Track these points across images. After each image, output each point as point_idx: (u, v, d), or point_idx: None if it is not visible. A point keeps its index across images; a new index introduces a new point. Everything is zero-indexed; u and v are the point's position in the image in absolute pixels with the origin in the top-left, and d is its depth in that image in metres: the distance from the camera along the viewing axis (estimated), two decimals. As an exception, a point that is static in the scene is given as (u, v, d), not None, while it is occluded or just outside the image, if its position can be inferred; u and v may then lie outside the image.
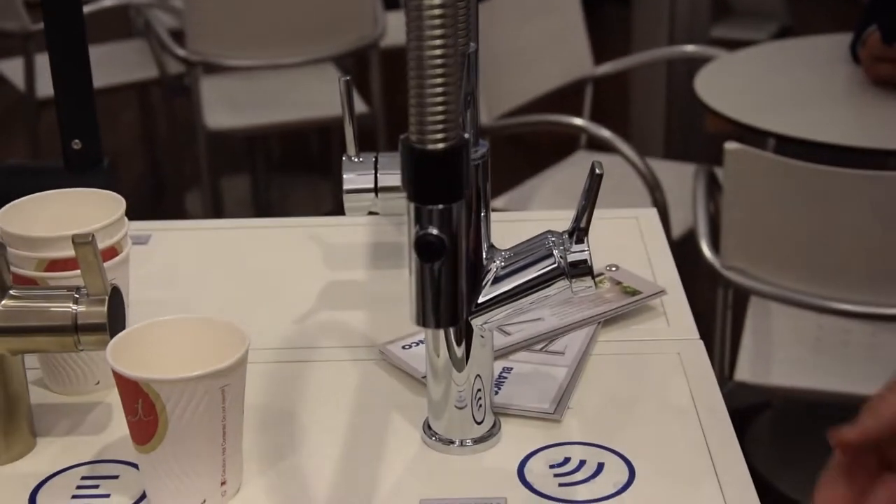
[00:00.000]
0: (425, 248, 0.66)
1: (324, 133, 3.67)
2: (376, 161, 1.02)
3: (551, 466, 0.84)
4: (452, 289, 0.68)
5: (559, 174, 2.58)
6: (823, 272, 1.70)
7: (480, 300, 0.81)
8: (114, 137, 3.82)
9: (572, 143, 2.78)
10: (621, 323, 1.01)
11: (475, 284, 0.81)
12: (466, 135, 0.64)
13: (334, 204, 3.35)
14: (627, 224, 1.20)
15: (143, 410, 0.76)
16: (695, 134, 3.22)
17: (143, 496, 0.82)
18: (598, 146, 2.36)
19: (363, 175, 1.01)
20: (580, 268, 0.80)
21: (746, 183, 1.73)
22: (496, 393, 0.90)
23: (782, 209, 1.72)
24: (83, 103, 1.11)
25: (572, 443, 0.86)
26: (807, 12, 4.70)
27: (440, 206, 0.65)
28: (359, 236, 1.20)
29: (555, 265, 0.81)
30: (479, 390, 0.85)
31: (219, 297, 1.10)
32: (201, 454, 0.78)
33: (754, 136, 2.04)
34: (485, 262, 0.82)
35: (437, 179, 0.64)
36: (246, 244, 1.20)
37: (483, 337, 0.84)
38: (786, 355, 1.85)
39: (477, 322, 0.83)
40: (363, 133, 1.02)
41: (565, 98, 2.70)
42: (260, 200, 3.44)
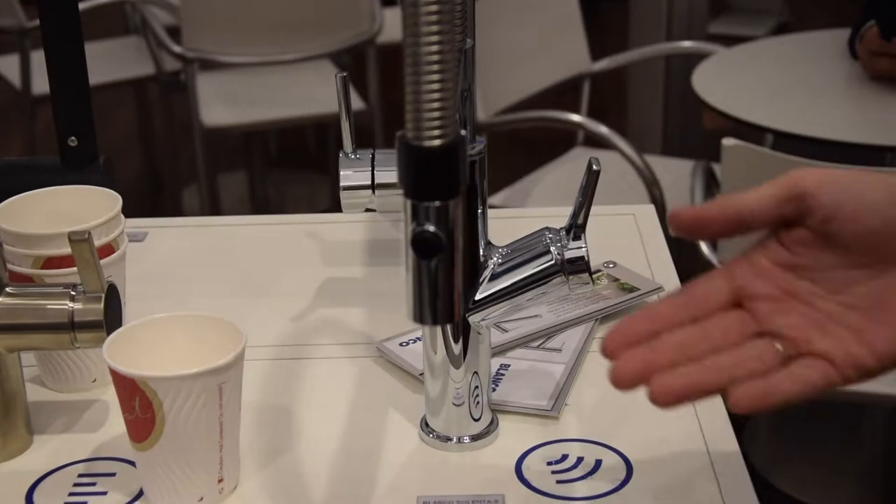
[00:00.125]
0: (422, 245, 0.66)
1: (321, 129, 3.67)
2: (373, 158, 1.02)
3: (549, 463, 0.84)
4: (449, 286, 0.68)
5: (556, 171, 2.58)
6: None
7: (478, 297, 0.81)
8: (110, 134, 3.82)
9: (570, 140, 2.78)
10: (618, 319, 1.01)
11: (472, 281, 0.81)
12: (463, 131, 0.64)
13: (331, 200, 3.35)
14: (625, 221, 1.20)
15: (140, 408, 0.76)
16: (692, 130, 3.22)
17: (140, 494, 0.82)
18: (596, 143, 2.36)
19: (360, 172, 1.01)
20: (577, 264, 0.80)
21: (744, 179, 1.73)
22: (494, 390, 0.91)
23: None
24: (79, 100, 1.11)
25: (570, 440, 0.86)
26: (804, 8, 4.70)
27: (437, 203, 0.65)
28: (356, 233, 1.20)
29: (552, 262, 0.81)
30: (477, 387, 0.85)
31: (215, 295, 1.10)
32: (198, 451, 0.78)
33: (752, 133, 2.04)
34: (482, 259, 0.82)
35: (434, 176, 0.64)
36: (243, 241, 1.20)
37: (480, 334, 0.84)
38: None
39: (474, 319, 0.83)
40: (360, 129, 1.02)
41: (563, 94, 2.71)
42: (257, 197, 3.44)
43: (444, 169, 0.64)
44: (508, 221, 1.18)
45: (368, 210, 1.04)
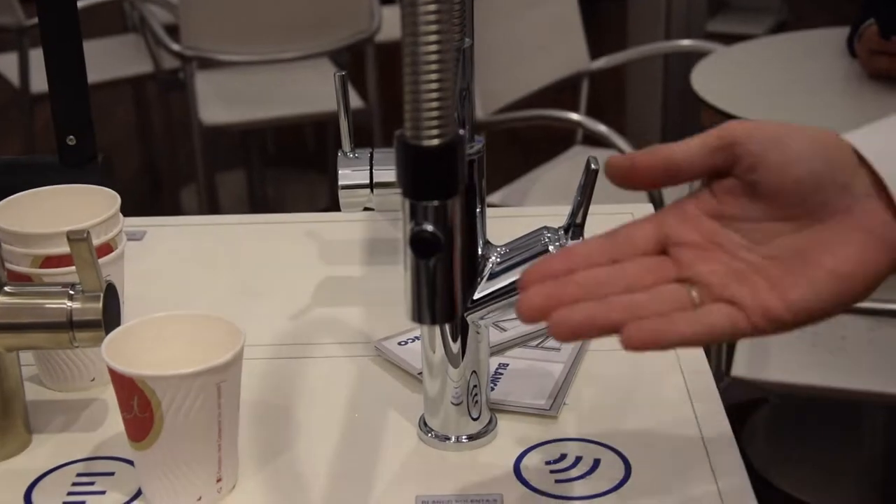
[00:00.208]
0: (420, 245, 0.66)
1: (320, 128, 3.67)
2: (372, 157, 1.02)
3: (547, 463, 0.84)
4: (448, 285, 0.68)
5: (555, 169, 2.58)
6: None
7: (476, 296, 0.81)
8: (108, 132, 3.82)
9: (568, 138, 2.78)
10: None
11: (471, 280, 0.81)
12: (462, 131, 0.64)
13: (330, 199, 3.35)
14: (623, 219, 1.18)
15: (139, 407, 0.77)
16: (691, 128, 3.21)
17: (139, 493, 0.82)
18: (595, 141, 2.36)
19: (358, 171, 1.01)
20: (576, 264, 0.80)
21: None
22: (492, 389, 0.91)
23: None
24: (78, 99, 1.11)
25: (568, 439, 0.86)
26: (803, 6, 4.70)
27: (435, 203, 0.65)
28: (354, 232, 1.20)
29: (551, 261, 0.81)
30: (475, 386, 0.85)
31: (214, 294, 1.10)
32: (197, 451, 0.78)
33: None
34: (480, 258, 0.82)
35: (433, 176, 0.64)
36: (241, 240, 1.20)
37: (479, 333, 0.84)
38: (782, 351, 1.85)
39: (473, 318, 0.83)
40: (359, 128, 1.02)
41: (561, 93, 2.71)
42: (255, 196, 3.44)
43: (443, 168, 0.64)
44: (507, 220, 1.18)
45: (367, 209, 1.04)
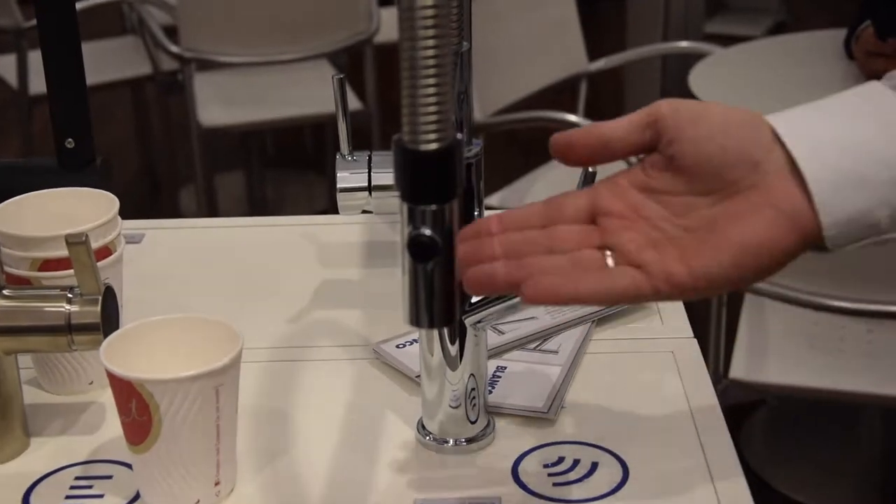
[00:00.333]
0: (418, 249, 0.66)
1: (318, 130, 3.67)
2: (370, 160, 1.02)
3: (545, 466, 0.84)
4: (446, 288, 0.68)
5: (553, 171, 2.58)
6: (819, 269, 1.70)
7: (474, 299, 0.81)
8: (107, 134, 3.82)
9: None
10: (615, 321, 1.02)
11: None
12: (459, 135, 0.64)
13: (329, 201, 3.35)
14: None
15: (137, 410, 0.77)
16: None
17: (137, 496, 0.82)
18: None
19: (357, 174, 1.01)
20: (574, 267, 0.80)
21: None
22: (490, 392, 0.91)
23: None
24: (76, 101, 1.11)
25: (566, 442, 0.86)
26: (802, 7, 4.71)
27: (433, 207, 0.65)
28: (353, 235, 1.20)
29: (548, 264, 0.81)
30: (473, 389, 0.85)
31: (212, 297, 1.10)
32: (195, 454, 0.78)
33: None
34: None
35: (430, 180, 0.64)
36: (239, 243, 1.20)
37: (477, 336, 0.84)
38: (781, 353, 1.86)
39: (470, 321, 0.83)
40: (358, 130, 1.02)
41: (560, 94, 2.71)
42: (254, 198, 3.44)
43: (441, 173, 0.64)
44: (505, 223, 1.18)
45: (365, 212, 1.04)
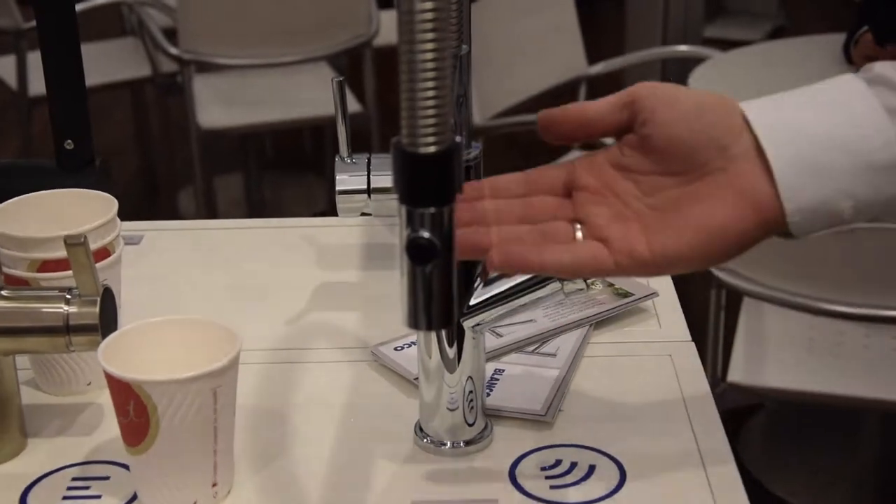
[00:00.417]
0: (416, 251, 0.66)
1: (317, 132, 3.67)
2: (369, 162, 1.02)
3: (543, 468, 0.84)
4: (444, 291, 0.68)
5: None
6: (817, 273, 1.71)
7: (472, 302, 0.82)
8: (106, 136, 3.81)
9: (565, 144, 2.78)
10: (613, 325, 1.02)
11: (467, 286, 0.81)
12: (458, 138, 0.64)
13: (328, 203, 3.35)
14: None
15: (135, 412, 0.77)
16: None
17: (135, 497, 0.82)
18: (592, 146, 2.36)
19: (356, 176, 1.01)
20: (572, 270, 0.81)
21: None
22: (488, 395, 0.91)
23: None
24: (76, 102, 1.11)
25: (564, 445, 0.87)
26: (801, 12, 4.71)
27: (432, 209, 0.65)
28: (351, 237, 1.20)
29: (547, 267, 0.81)
30: (471, 392, 0.85)
31: (211, 298, 1.10)
32: (193, 455, 0.78)
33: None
34: (477, 264, 0.82)
35: (429, 183, 0.64)
36: (238, 245, 1.20)
37: (475, 339, 0.84)
38: (779, 357, 1.86)
39: (469, 324, 0.83)
40: (357, 132, 1.02)
41: (559, 98, 2.70)
42: (253, 200, 3.44)
43: (439, 175, 0.64)
44: (504, 226, 1.18)
45: (364, 214, 1.04)
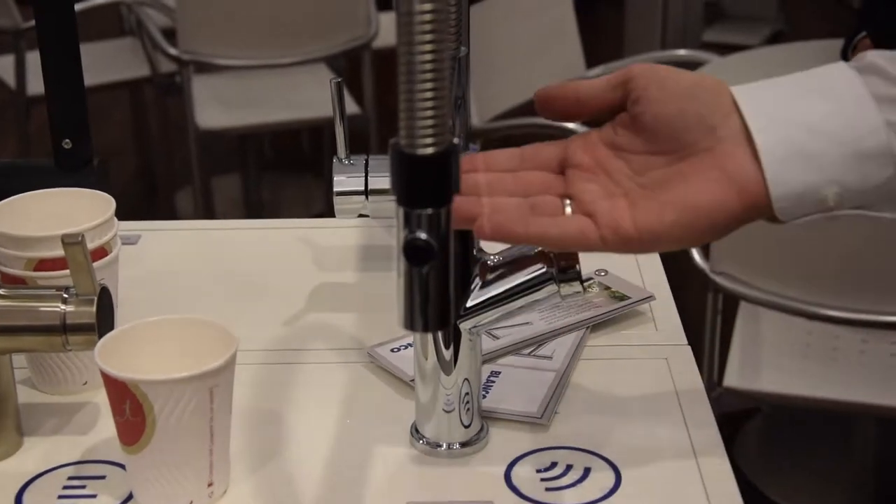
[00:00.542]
0: (414, 253, 0.66)
1: (315, 133, 3.67)
2: (367, 164, 1.02)
3: (538, 471, 0.84)
4: (441, 293, 0.68)
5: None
6: (813, 278, 1.71)
7: (469, 304, 0.82)
8: (105, 136, 3.81)
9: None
10: (610, 328, 1.02)
11: (464, 288, 0.81)
12: (456, 139, 0.65)
13: (325, 205, 3.35)
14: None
15: (131, 411, 0.77)
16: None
17: (130, 497, 0.82)
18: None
19: (353, 177, 1.01)
20: (569, 272, 0.81)
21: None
22: (484, 397, 0.91)
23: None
24: (74, 102, 1.11)
25: (559, 447, 0.87)
26: (800, 17, 4.71)
27: (429, 211, 0.65)
28: (349, 238, 1.20)
29: (543, 269, 0.81)
30: (467, 394, 0.85)
31: (208, 298, 1.10)
32: (189, 455, 0.79)
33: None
34: (474, 266, 0.82)
35: (426, 184, 0.64)
36: (235, 245, 1.20)
37: (471, 341, 0.84)
38: (775, 361, 1.86)
39: (465, 326, 0.83)
40: (355, 134, 1.02)
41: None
42: (251, 200, 3.43)
43: (437, 177, 0.64)
44: (501, 228, 1.18)
45: (361, 215, 1.04)
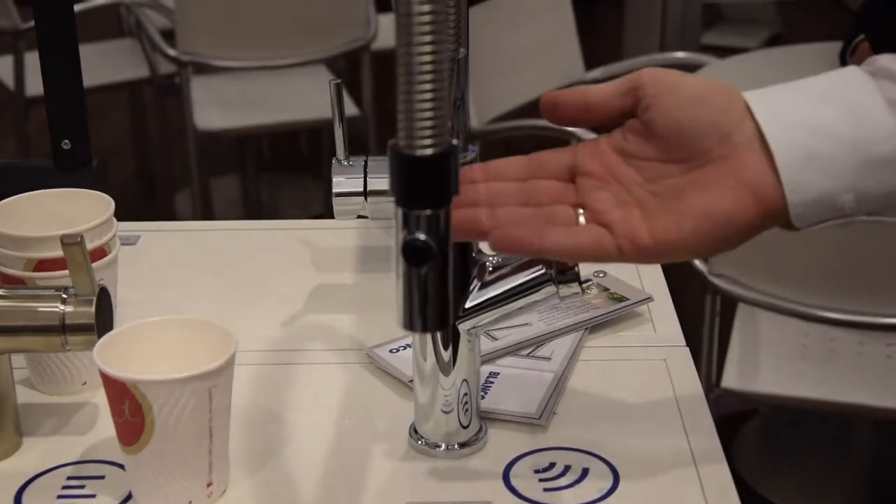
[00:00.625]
0: (412, 253, 0.66)
1: (314, 134, 3.67)
2: (366, 165, 1.02)
3: (536, 471, 0.84)
4: (440, 293, 0.68)
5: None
6: (810, 280, 1.71)
7: (468, 305, 0.82)
8: (104, 137, 3.81)
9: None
10: (608, 329, 1.02)
11: (463, 289, 0.81)
12: (455, 141, 0.65)
13: (324, 205, 3.35)
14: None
15: (130, 411, 0.77)
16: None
17: (129, 497, 0.82)
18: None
19: (352, 179, 1.02)
20: (567, 274, 0.81)
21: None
22: (483, 397, 0.91)
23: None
24: (73, 102, 1.12)
25: (557, 448, 0.87)
26: (798, 20, 4.71)
27: (428, 212, 0.65)
28: (348, 239, 1.20)
29: (542, 271, 0.81)
30: (466, 395, 0.85)
31: (207, 299, 1.10)
32: (188, 455, 0.79)
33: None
34: (472, 267, 0.82)
35: (425, 185, 0.64)
36: (235, 246, 1.20)
37: (470, 341, 0.84)
38: (773, 363, 1.86)
39: (464, 327, 0.83)
40: (354, 135, 1.02)
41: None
42: (250, 201, 3.43)
43: (436, 178, 0.64)
44: (500, 229, 1.18)
45: (360, 217, 1.04)
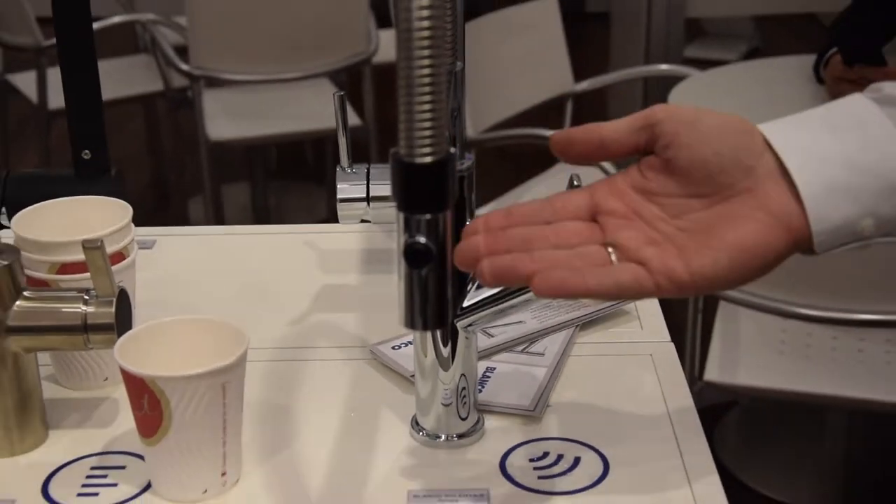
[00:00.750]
0: (413, 256, 0.66)
1: (319, 144, 3.67)
2: (368, 172, 1.02)
3: (531, 460, 0.84)
4: (439, 293, 0.69)
5: (541, 185, 2.59)
6: (788, 280, 1.71)
7: (466, 304, 0.82)
8: (121, 147, 3.81)
9: (553, 156, 2.78)
10: (598, 326, 1.02)
11: (461, 289, 0.81)
12: (453, 149, 0.65)
13: (329, 211, 3.35)
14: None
15: (149, 405, 0.77)
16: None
17: (149, 485, 0.82)
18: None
19: (356, 185, 1.02)
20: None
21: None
22: (480, 391, 0.91)
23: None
24: (92, 115, 1.11)
25: (551, 438, 0.87)
26: (775, 34, 4.71)
27: (428, 216, 0.65)
28: (351, 243, 1.20)
29: (535, 271, 0.81)
30: (464, 388, 0.85)
31: (220, 299, 1.10)
32: (203, 446, 0.79)
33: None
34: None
35: (425, 191, 0.65)
36: (245, 249, 1.21)
37: (468, 338, 0.84)
38: (752, 357, 1.86)
39: (462, 324, 0.83)
40: (356, 145, 1.02)
41: (547, 112, 2.71)
42: (259, 208, 3.44)
43: (435, 184, 0.65)
44: (495, 233, 1.18)
45: (364, 221, 1.04)
